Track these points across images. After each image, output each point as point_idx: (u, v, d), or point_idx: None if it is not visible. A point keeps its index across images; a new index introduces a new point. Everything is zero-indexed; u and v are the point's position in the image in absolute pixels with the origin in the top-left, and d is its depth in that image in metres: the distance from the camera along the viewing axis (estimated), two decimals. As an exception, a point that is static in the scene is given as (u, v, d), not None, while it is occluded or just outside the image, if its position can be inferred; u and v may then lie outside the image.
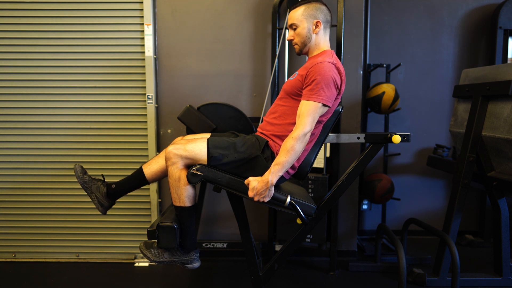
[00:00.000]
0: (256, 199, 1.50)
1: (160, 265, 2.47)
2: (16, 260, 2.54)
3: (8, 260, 2.54)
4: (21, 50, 2.40)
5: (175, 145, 1.58)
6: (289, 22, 1.68)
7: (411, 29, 2.96)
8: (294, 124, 1.63)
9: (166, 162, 1.59)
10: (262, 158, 1.62)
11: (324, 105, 1.55)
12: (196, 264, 1.70)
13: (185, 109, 2.01)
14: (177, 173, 1.57)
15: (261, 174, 1.57)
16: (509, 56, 2.89)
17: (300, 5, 1.67)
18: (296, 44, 1.70)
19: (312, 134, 1.64)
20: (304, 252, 2.57)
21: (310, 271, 2.42)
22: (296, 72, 1.69)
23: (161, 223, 1.61)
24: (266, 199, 1.51)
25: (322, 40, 1.69)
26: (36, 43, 2.40)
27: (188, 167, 1.60)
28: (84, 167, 2.48)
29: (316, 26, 1.65)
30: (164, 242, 1.61)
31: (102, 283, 2.24)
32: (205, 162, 1.57)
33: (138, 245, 2.35)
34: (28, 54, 2.41)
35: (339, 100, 1.67)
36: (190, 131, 1.99)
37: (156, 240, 1.71)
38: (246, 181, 1.53)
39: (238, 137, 1.71)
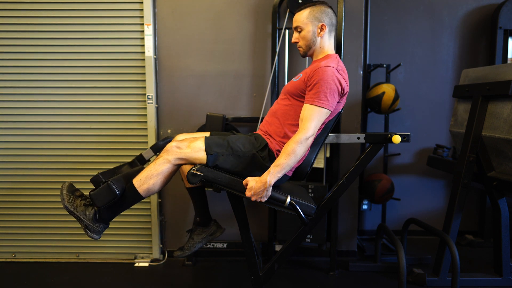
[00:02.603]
0: (253, 199, 1.50)
1: (160, 265, 2.47)
2: (16, 260, 2.54)
3: (8, 260, 2.55)
4: (21, 50, 2.40)
5: (178, 143, 1.58)
6: (294, 25, 1.68)
7: (411, 29, 2.96)
8: (294, 124, 1.64)
9: (162, 153, 1.59)
10: (259, 157, 1.62)
11: (327, 110, 1.55)
12: (96, 236, 1.62)
13: (219, 115, 2.29)
14: (163, 168, 1.56)
15: (258, 173, 1.57)
16: (509, 56, 2.89)
17: (305, 7, 1.66)
18: (301, 47, 1.70)
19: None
20: (304, 252, 2.57)
21: (310, 271, 2.42)
22: (300, 74, 1.68)
23: (111, 182, 1.55)
24: (264, 199, 1.51)
25: (326, 44, 1.69)
26: (36, 43, 2.40)
27: (177, 168, 1.60)
28: (84, 167, 2.52)
29: (321, 29, 1.65)
30: (98, 196, 1.54)
31: (102, 283, 2.24)
32: (203, 161, 1.57)
33: (138, 246, 2.35)
34: (28, 54, 2.41)
35: (342, 104, 1.67)
36: (202, 129, 2.02)
37: (79, 191, 1.65)
38: (244, 181, 1.53)
39: (235, 135, 1.71)
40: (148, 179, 1.57)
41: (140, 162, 2.13)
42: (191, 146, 1.56)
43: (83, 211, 1.58)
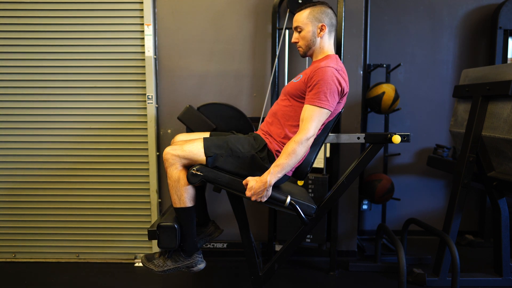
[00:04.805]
0: (253, 198, 1.50)
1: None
2: (16, 260, 2.54)
3: (8, 260, 2.55)
4: (21, 50, 2.40)
5: (173, 146, 1.59)
6: (294, 25, 1.68)
7: (411, 29, 2.96)
8: (295, 125, 1.64)
9: (164, 164, 1.59)
10: (258, 157, 1.62)
11: (327, 111, 1.55)
12: (202, 266, 1.69)
13: (185, 109, 2.00)
14: (176, 173, 1.57)
15: (258, 174, 1.57)
16: (509, 56, 2.89)
17: (306, 7, 1.66)
18: (300, 47, 1.69)
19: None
20: (304, 252, 2.57)
21: (310, 271, 2.42)
22: (300, 75, 1.68)
23: (162, 223, 1.61)
24: (264, 199, 1.51)
25: (326, 44, 1.69)
26: (36, 43, 2.40)
27: (187, 167, 1.60)
28: (84, 167, 2.51)
29: (321, 29, 1.65)
30: (165, 242, 1.61)
31: (102, 283, 2.24)
32: (203, 162, 1.58)
33: (139, 246, 2.38)
34: (28, 54, 2.40)
35: (342, 104, 1.67)
36: (190, 131, 1.99)
37: (156, 252, 1.71)
38: (244, 181, 1.53)
39: (235, 136, 1.71)
40: (178, 191, 1.59)
41: None
42: (184, 149, 1.56)
43: (173, 261, 1.66)
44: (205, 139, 1.61)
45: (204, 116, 1.97)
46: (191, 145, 1.58)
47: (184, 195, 1.59)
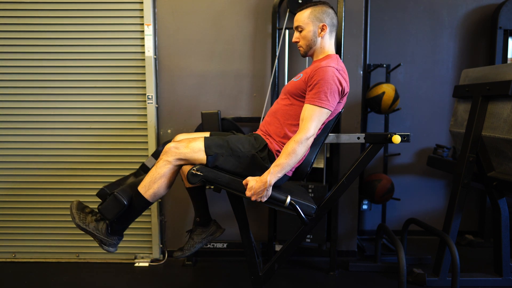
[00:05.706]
0: (253, 198, 1.50)
1: (160, 265, 2.47)
2: (16, 260, 2.54)
3: (8, 260, 2.54)
4: (21, 50, 2.40)
5: (177, 144, 1.58)
6: (295, 24, 1.68)
7: (411, 29, 2.96)
8: (294, 124, 1.64)
9: (161, 155, 1.59)
10: (258, 157, 1.62)
11: (328, 110, 1.55)
12: (112, 249, 1.65)
13: (213, 111, 2.16)
14: (164, 171, 1.58)
15: (258, 173, 1.57)
16: (509, 56, 2.89)
17: (307, 7, 1.66)
18: (301, 47, 1.70)
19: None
20: (304, 252, 2.57)
21: (310, 271, 2.42)
22: (301, 74, 1.68)
23: (118, 193, 1.57)
24: (264, 199, 1.51)
25: (327, 44, 1.69)
26: (36, 43, 2.40)
27: (179, 167, 1.60)
28: (84, 167, 2.52)
29: (322, 29, 1.65)
30: (106, 210, 1.56)
31: (102, 283, 2.24)
32: (203, 161, 1.57)
33: (138, 246, 2.33)
34: (28, 54, 2.41)
35: (342, 104, 1.67)
36: (200, 129, 2.02)
37: (88, 207, 1.68)
38: (244, 181, 1.53)
39: (235, 136, 1.71)
40: (153, 183, 1.59)
41: (144, 171, 2.12)
42: (189, 147, 1.57)
43: (95, 227, 1.61)
44: (206, 138, 1.61)
45: (222, 126, 2.05)
46: (194, 143, 1.58)
47: (153, 190, 1.59)
